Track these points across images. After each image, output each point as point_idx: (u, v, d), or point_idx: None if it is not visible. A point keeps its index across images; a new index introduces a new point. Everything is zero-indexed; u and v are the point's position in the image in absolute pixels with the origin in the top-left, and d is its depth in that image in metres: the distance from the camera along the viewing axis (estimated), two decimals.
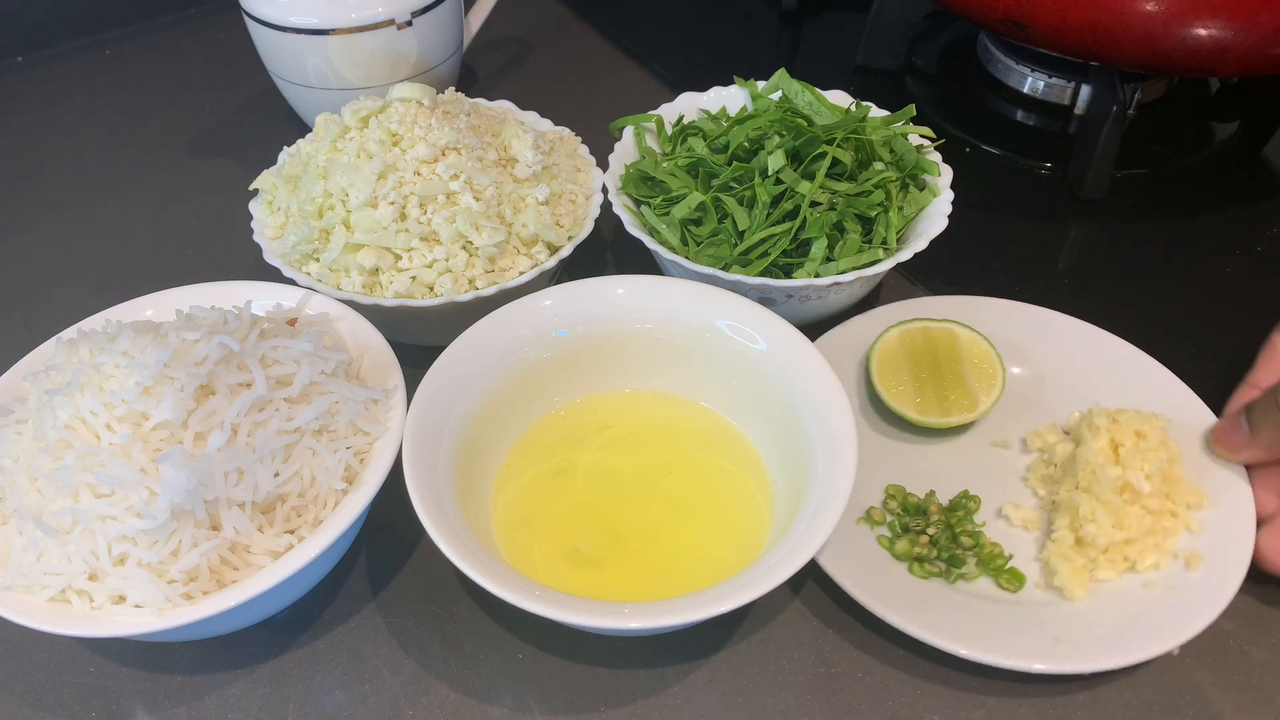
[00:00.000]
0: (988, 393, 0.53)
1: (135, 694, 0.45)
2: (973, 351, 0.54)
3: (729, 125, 0.62)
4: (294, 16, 0.68)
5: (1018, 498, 0.51)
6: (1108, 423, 0.49)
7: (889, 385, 0.54)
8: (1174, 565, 0.46)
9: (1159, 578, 0.46)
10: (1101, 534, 0.46)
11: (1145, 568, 0.46)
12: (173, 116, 0.82)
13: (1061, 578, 0.46)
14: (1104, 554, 0.46)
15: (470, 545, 0.41)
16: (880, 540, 0.49)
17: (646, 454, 0.51)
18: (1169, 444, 0.49)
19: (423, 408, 0.46)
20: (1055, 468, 0.51)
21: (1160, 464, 0.47)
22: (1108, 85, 0.67)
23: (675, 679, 0.45)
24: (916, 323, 0.56)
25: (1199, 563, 0.46)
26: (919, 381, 0.54)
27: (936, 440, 0.54)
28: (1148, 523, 0.46)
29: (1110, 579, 0.46)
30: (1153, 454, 0.47)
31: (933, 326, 0.55)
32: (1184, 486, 0.48)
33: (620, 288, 0.52)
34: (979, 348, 0.54)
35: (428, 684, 0.45)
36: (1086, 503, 0.47)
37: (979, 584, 0.47)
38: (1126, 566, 0.46)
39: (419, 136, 0.55)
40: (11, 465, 0.43)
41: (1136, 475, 0.47)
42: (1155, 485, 0.47)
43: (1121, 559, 0.46)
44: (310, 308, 0.53)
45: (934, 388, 0.53)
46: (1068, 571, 0.46)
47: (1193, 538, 0.47)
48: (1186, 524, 0.47)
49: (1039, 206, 0.71)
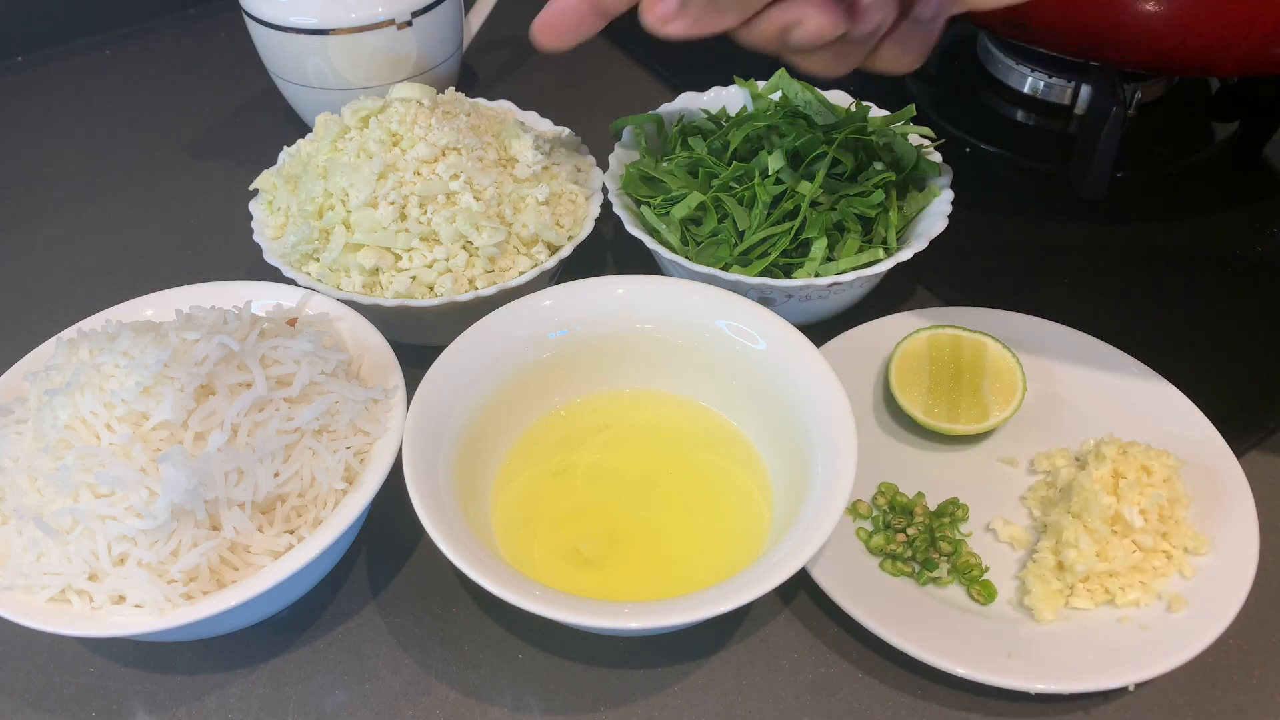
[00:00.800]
0: (1002, 408, 0.53)
1: (135, 694, 0.45)
2: (998, 366, 0.54)
3: (729, 125, 0.62)
4: (294, 16, 0.68)
5: (1012, 515, 0.50)
6: (1115, 453, 0.48)
7: (904, 384, 0.54)
8: (1155, 605, 0.45)
9: (1136, 614, 0.45)
10: (1082, 561, 0.45)
11: (1125, 603, 0.45)
12: (173, 116, 0.82)
13: (1034, 597, 0.45)
14: (1083, 582, 0.46)
15: (470, 545, 0.41)
16: (859, 533, 0.49)
17: (646, 454, 0.51)
18: (1175, 484, 0.47)
19: (423, 408, 0.46)
20: (1056, 490, 0.50)
21: (1159, 501, 0.46)
22: (1108, 85, 0.67)
23: (675, 679, 0.45)
24: (949, 329, 0.55)
25: (1182, 606, 0.44)
26: (935, 386, 0.54)
27: (944, 448, 0.53)
28: (1136, 559, 0.45)
29: (1086, 608, 0.45)
30: (1152, 490, 0.46)
31: (964, 335, 0.55)
32: (1185, 529, 0.47)
33: (620, 288, 0.52)
34: (1005, 364, 0.54)
35: (428, 684, 0.45)
36: (1072, 528, 0.46)
37: (950, 591, 0.47)
38: (1106, 598, 0.45)
39: (419, 136, 0.55)
40: (11, 465, 0.43)
41: (1130, 509, 0.46)
42: (1150, 522, 0.46)
43: (1102, 590, 0.45)
44: (310, 308, 0.53)
45: (948, 394, 0.53)
46: (1041, 592, 0.45)
47: (1183, 582, 0.45)
48: (1180, 567, 0.46)
49: (1039, 206, 0.71)
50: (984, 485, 0.52)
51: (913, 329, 0.56)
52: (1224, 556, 0.46)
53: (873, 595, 0.45)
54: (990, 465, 0.53)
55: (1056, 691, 0.42)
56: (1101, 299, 0.63)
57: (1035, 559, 0.47)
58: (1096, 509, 0.46)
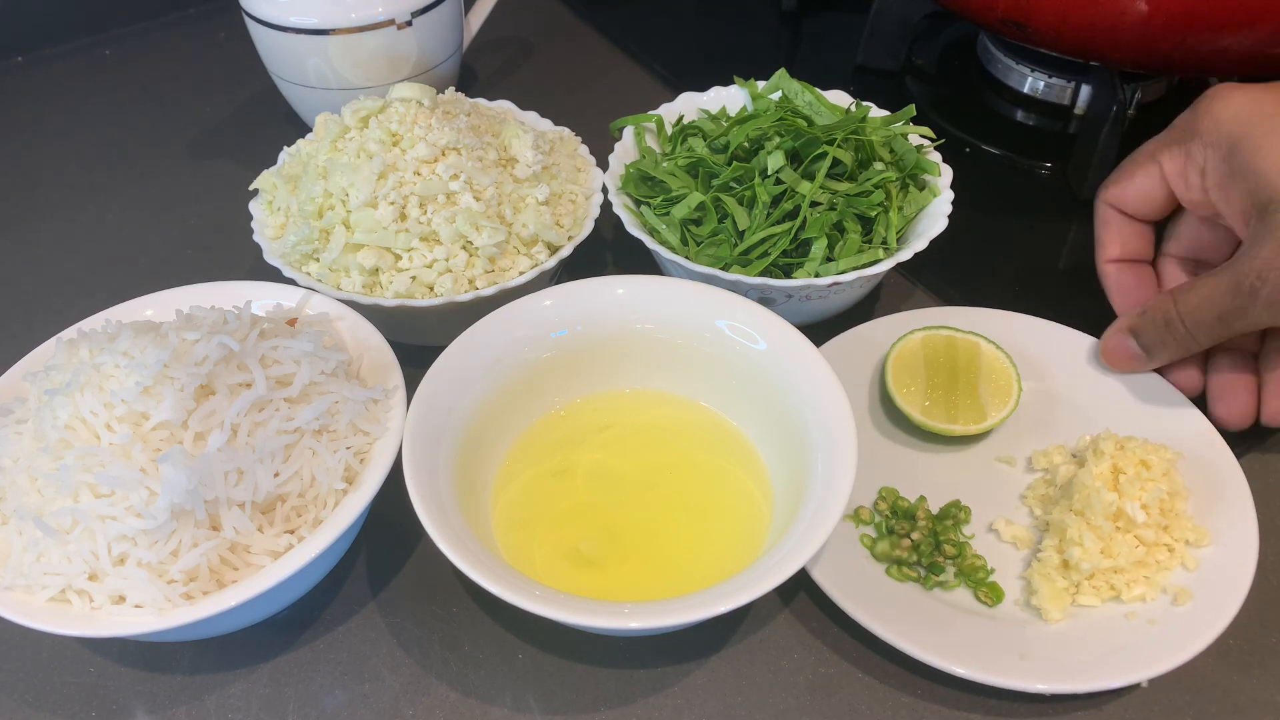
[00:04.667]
0: (998, 409, 0.53)
1: (135, 694, 0.45)
2: (993, 367, 0.54)
3: (729, 125, 0.62)
4: (294, 16, 0.68)
5: (1013, 515, 0.50)
6: (1113, 448, 0.48)
7: (901, 385, 0.54)
8: (1161, 599, 0.45)
9: (1142, 609, 0.45)
10: (1086, 558, 0.45)
11: (1130, 598, 0.45)
12: (173, 116, 0.82)
13: (1040, 597, 0.45)
14: (1089, 579, 0.46)
15: (470, 545, 0.41)
16: (863, 539, 0.49)
17: (646, 454, 0.51)
18: (1174, 477, 0.48)
19: (423, 408, 0.46)
20: (1055, 488, 0.50)
21: (1159, 495, 0.46)
22: (1108, 85, 0.67)
23: (675, 679, 0.45)
24: (942, 330, 0.55)
25: (1187, 599, 0.44)
26: (932, 387, 0.53)
27: (941, 449, 0.53)
28: (1139, 553, 0.46)
29: (1093, 605, 0.45)
30: (1153, 484, 0.46)
31: (957, 336, 0.55)
32: (1185, 522, 0.47)
33: (620, 288, 0.52)
34: (999, 364, 0.54)
35: (428, 684, 0.45)
36: (1075, 525, 0.46)
37: (956, 594, 0.47)
38: (1111, 595, 0.45)
39: (419, 136, 0.55)
40: (11, 465, 0.43)
41: (1132, 504, 0.46)
42: (1152, 516, 0.46)
43: (1107, 587, 0.45)
44: (310, 308, 0.53)
45: (945, 395, 0.53)
46: (1048, 592, 0.45)
47: (1187, 574, 0.46)
48: (1182, 560, 0.46)
49: (1039, 206, 0.71)
50: (984, 485, 0.52)
51: (906, 330, 0.56)
52: (1225, 547, 0.46)
53: (882, 603, 0.45)
54: (988, 465, 0.53)
55: (1072, 692, 0.42)
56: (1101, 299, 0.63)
57: (1040, 558, 0.47)
58: (1099, 505, 0.46)
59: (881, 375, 0.55)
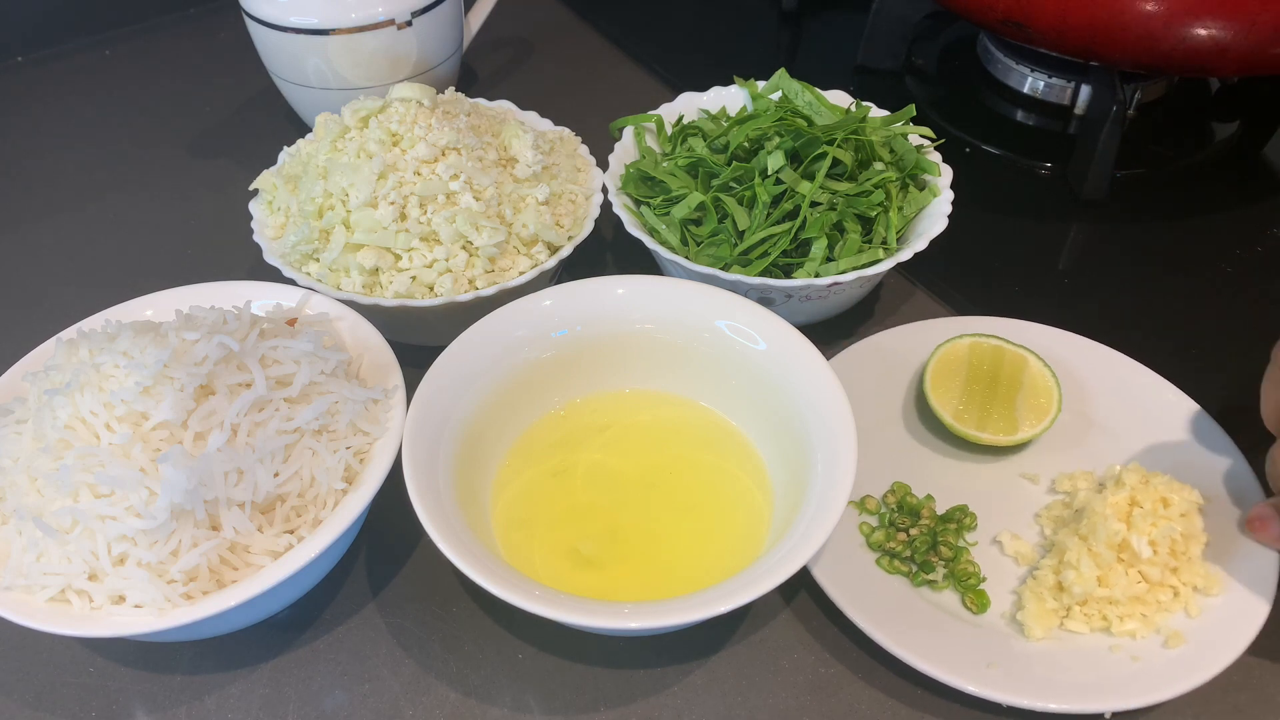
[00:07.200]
0: (1032, 424, 0.52)
1: (135, 694, 0.45)
2: (1035, 383, 0.53)
3: (729, 125, 0.62)
4: (294, 16, 0.68)
5: (1023, 531, 0.50)
6: (1136, 480, 0.47)
7: (938, 385, 0.54)
8: (1152, 638, 0.44)
9: (1129, 645, 0.44)
10: (1080, 583, 0.44)
11: (1121, 632, 0.44)
12: (173, 116, 0.82)
13: (1026, 613, 0.45)
14: (1081, 605, 0.45)
15: (470, 545, 0.41)
16: (862, 526, 0.49)
17: (646, 454, 0.51)
18: (1193, 519, 0.46)
19: (423, 408, 0.46)
20: (1071, 511, 0.49)
21: (1172, 534, 0.45)
22: (1108, 85, 0.67)
23: (675, 679, 0.45)
24: (991, 340, 0.55)
25: (1179, 644, 0.43)
26: (968, 393, 0.53)
27: (968, 456, 0.53)
28: (1139, 589, 0.45)
29: (1080, 632, 0.45)
30: (1166, 522, 0.45)
31: (1006, 348, 0.55)
32: (1196, 567, 0.45)
33: (620, 288, 0.52)
34: (1043, 381, 0.53)
35: (428, 684, 0.45)
36: (1076, 549, 0.46)
37: (945, 596, 0.47)
38: (1102, 625, 0.45)
39: (419, 136, 0.55)
40: (11, 465, 0.43)
41: (1139, 538, 0.45)
42: (1160, 555, 0.45)
43: (1099, 616, 0.45)
44: (310, 308, 0.53)
45: (980, 403, 0.53)
46: (1034, 609, 0.45)
47: (1186, 620, 0.44)
48: (1186, 605, 0.45)
49: (1039, 206, 0.71)
50: (1001, 498, 0.51)
51: (956, 334, 0.55)
52: (1234, 599, 0.45)
53: (868, 593, 0.45)
54: (1011, 479, 0.52)
55: (1028, 707, 0.41)
56: (1101, 299, 0.63)
57: (1035, 576, 0.47)
58: (1104, 534, 0.45)
59: (921, 374, 0.55)
